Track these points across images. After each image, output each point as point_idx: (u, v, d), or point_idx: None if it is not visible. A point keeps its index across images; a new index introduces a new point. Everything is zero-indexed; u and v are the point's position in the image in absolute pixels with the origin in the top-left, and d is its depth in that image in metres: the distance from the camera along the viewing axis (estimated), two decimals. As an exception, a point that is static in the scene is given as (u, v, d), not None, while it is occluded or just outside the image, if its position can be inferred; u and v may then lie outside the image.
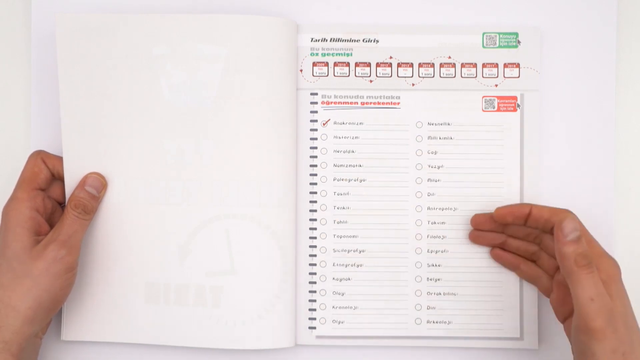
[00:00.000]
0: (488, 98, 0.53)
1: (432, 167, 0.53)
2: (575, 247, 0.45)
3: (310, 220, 0.53)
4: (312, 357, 0.53)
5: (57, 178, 0.51)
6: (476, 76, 0.53)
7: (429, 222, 0.53)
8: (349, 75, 0.53)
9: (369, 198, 0.53)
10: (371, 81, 0.53)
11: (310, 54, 0.53)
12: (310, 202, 0.53)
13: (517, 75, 0.53)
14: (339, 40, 0.53)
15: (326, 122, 0.53)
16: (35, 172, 0.50)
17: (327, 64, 0.53)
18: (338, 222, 0.53)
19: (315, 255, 0.53)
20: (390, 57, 0.53)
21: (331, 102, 0.53)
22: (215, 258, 0.51)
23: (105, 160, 0.51)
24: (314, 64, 0.53)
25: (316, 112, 0.53)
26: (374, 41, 0.53)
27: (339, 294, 0.53)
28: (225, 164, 0.51)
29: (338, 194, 0.53)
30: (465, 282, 0.53)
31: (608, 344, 0.43)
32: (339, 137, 0.53)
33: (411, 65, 0.53)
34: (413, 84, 0.53)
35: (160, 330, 0.51)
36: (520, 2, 0.54)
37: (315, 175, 0.53)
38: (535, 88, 0.53)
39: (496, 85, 0.53)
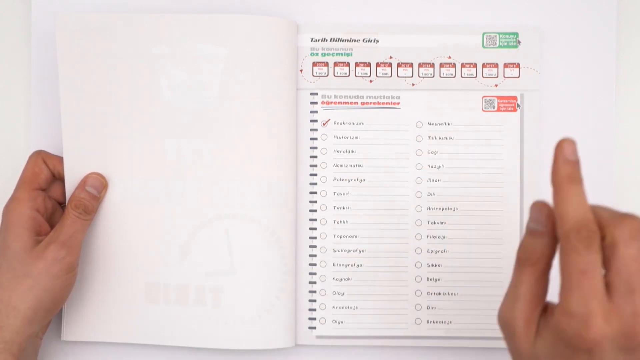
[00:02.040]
0: (488, 98, 0.53)
1: (432, 167, 0.53)
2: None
3: (310, 220, 0.53)
4: (312, 357, 0.53)
5: (57, 178, 0.51)
6: (476, 76, 0.53)
7: (429, 222, 0.53)
8: (349, 75, 0.53)
9: (369, 198, 0.53)
10: (371, 81, 0.53)
11: (310, 54, 0.53)
12: (310, 202, 0.53)
13: (517, 75, 0.53)
14: (339, 40, 0.53)
15: (326, 122, 0.53)
16: (35, 172, 0.50)
17: (327, 64, 0.53)
18: (338, 222, 0.53)
19: (315, 255, 0.53)
20: (390, 57, 0.53)
21: (331, 102, 0.53)
22: (215, 258, 0.51)
23: (106, 160, 0.51)
24: (314, 64, 0.53)
25: (316, 112, 0.53)
26: (374, 41, 0.53)
27: (339, 294, 0.53)
28: (225, 163, 0.51)
29: (338, 194, 0.53)
30: (465, 282, 0.53)
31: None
32: (339, 137, 0.53)
33: (411, 65, 0.53)
34: (413, 84, 0.53)
35: (160, 330, 0.51)
36: (520, 2, 0.54)
37: (315, 175, 0.53)
38: (535, 88, 0.53)
39: (496, 85, 0.53)
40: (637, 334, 0.34)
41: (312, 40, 0.53)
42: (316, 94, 0.53)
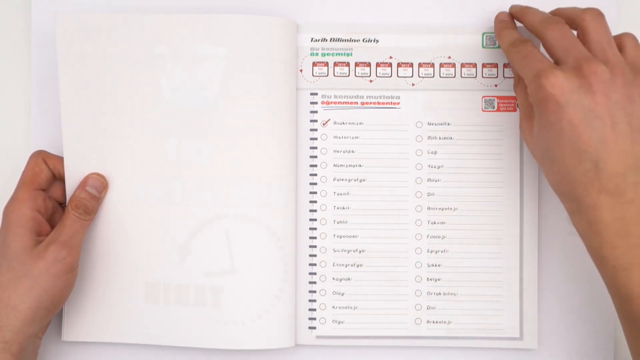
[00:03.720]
0: (488, 98, 0.53)
1: (432, 167, 0.53)
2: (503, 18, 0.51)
3: (310, 220, 0.53)
4: (312, 357, 0.53)
5: (57, 178, 0.51)
6: (476, 76, 0.53)
7: (429, 222, 0.53)
8: (349, 75, 0.53)
9: (369, 198, 0.53)
10: (371, 81, 0.53)
11: (310, 54, 0.53)
12: (310, 202, 0.53)
13: (517, 75, 0.53)
14: (339, 40, 0.53)
15: (326, 122, 0.53)
16: (36, 172, 0.50)
17: (327, 64, 0.53)
18: (338, 222, 0.53)
19: (315, 255, 0.53)
20: (390, 57, 0.53)
21: (331, 102, 0.53)
22: (215, 258, 0.51)
23: (106, 161, 0.51)
24: (314, 64, 0.53)
25: (316, 112, 0.53)
26: (374, 41, 0.53)
27: (339, 294, 0.53)
28: (225, 163, 0.51)
29: (338, 194, 0.53)
30: (465, 282, 0.53)
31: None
32: (339, 137, 0.53)
33: (411, 65, 0.53)
34: (413, 84, 0.53)
35: (160, 330, 0.51)
36: (520, 3, 0.53)
37: (315, 175, 0.53)
38: (535, 88, 0.53)
39: (496, 85, 0.53)
40: (583, 71, 0.42)
41: (312, 40, 0.53)
42: (316, 94, 0.53)
